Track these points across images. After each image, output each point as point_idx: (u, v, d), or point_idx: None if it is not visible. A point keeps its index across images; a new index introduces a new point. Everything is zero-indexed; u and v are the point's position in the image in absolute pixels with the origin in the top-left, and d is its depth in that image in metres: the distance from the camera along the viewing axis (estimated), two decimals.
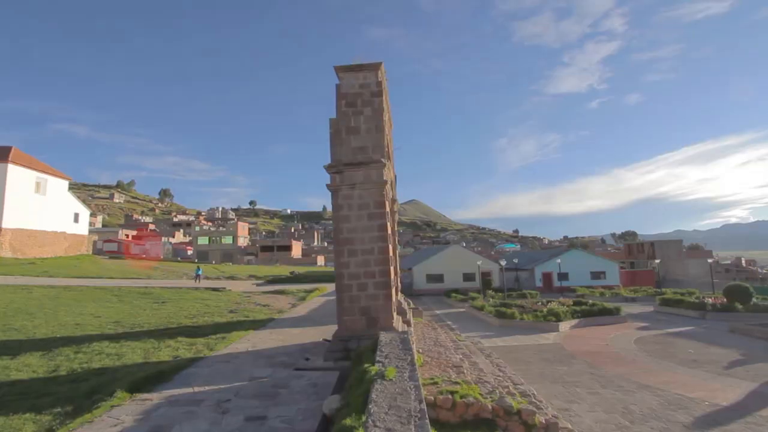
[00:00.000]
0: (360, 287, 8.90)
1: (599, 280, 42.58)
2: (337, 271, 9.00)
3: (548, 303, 24.22)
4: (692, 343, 17.12)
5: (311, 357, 8.86)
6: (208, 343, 10.50)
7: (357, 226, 9.12)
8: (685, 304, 25.30)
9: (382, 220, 9.11)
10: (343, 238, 9.13)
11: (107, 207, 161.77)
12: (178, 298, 21.73)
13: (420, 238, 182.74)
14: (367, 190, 9.24)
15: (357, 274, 8.94)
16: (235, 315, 16.10)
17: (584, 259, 43.38)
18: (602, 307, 22.69)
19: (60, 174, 44.72)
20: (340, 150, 9.64)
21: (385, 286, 8.91)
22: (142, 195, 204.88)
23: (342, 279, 8.95)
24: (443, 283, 42.39)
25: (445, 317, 25.45)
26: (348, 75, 10.44)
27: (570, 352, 15.42)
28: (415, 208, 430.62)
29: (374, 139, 9.66)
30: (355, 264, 8.98)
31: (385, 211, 9.17)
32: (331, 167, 9.31)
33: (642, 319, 24.06)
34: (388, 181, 9.28)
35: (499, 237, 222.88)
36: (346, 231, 9.15)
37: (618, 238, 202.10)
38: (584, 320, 21.52)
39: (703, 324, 21.78)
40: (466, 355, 11.56)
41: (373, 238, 9.06)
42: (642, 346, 16.53)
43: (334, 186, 9.29)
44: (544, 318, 20.79)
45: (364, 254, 9.01)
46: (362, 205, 9.19)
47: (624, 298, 33.48)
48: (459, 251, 45.61)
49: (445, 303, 34.27)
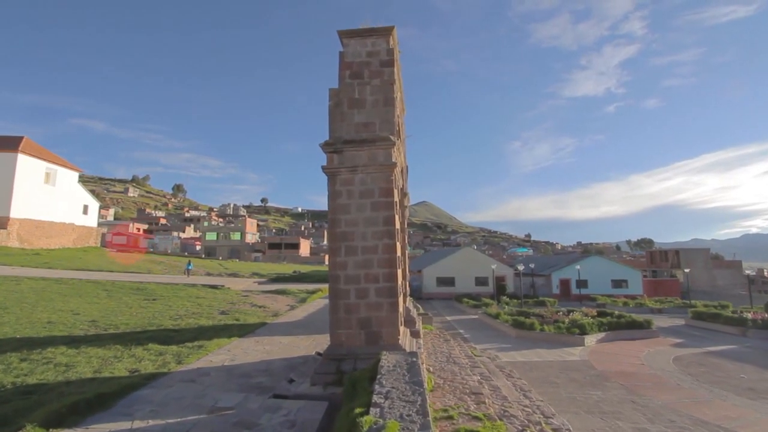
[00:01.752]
0: (359, 294, 7.20)
1: (620, 288, 40.12)
2: (331, 273, 7.31)
3: (570, 313, 22.17)
4: (741, 365, 14.99)
5: (297, 378, 7.19)
6: (180, 353, 8.91)
7: (358, 218, 7.42)
8: (722, 319, 22.99)
9: (388, 211, 7.40)
10: (340, 232, 7.44)
11: (121, 201, 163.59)
12: (171, 295, 20.33)
13: (430, 240, 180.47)
14: (372, 175, 7.54)
15: (356, 277, 7.24)
16: (225, 317, 14.55)
17: (605, 266, 40.95)
18: (631, 320, 20.58)
19: (70, 165, 44.09)
20: (341, 126, 7.95)
21: (391, 293, 7.19)
22: (156, 190, 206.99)
23: (337, 283, 7.26)
24: (454, 287, 40.43)
25: (457, 325, 23.59)
26: (354, 41, 8.75)
27: (601, 372, 13.47)
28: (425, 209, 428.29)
29: (382, 114, 7.95)
30: (354, 265, 7.28)
31: (393, 200, 7.45)
32: (328, 145, 7.63)
33: (674, 333, 21.86)
34: (396, 164, 7.56)
35: (510, 241, 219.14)
36: (345, 224, 7.46)
37: (634, 245, 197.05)
38: (611, 333, 19.45)
39: (745, 342, 19.53)
40: (484, 377, 9.76)
41: (377, 233, 7.35)
42: (684, 368, 14.47)
43: (331, 169, 7.61)
44: (567, 330, 18.80)
45: (366, 253, 7.30)
46: (365, 193, 7.49)
47: (650, 310, 31.13)
48: (471, 254, 43.58)
49: (456, 308, 32.36)
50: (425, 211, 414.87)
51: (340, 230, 7.44)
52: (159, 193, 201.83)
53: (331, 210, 7.49)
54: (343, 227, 7.46)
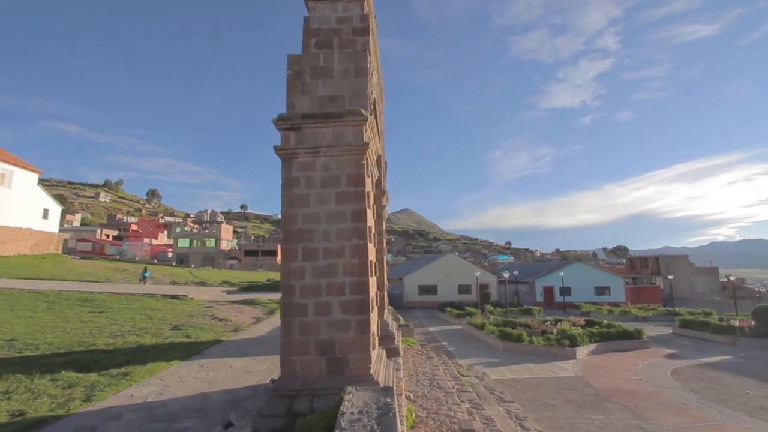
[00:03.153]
0: (319, 309, 5.59)
1: (603, 296, 39.58)
2: (284, 283, 5.69)
3: (558, 323, 21.02)
4: (742, 379, 14.00)
5: (237, 421, 5.51)
6: (96, 384, 7.07)
7: (319, 212, 5.85)
8: (711, 327, 22.28)
9: (358, 204, 5.86)
10: (296, 230, 5.84)
11: (91, 206, 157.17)
12: (123, 307, 18.14)
13: (412, 248, 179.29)
14: (338, 158, 5.99)
15: (315, 287, 5.64)
16: (175, 334, 12.62)
17: (588, 274, 40.38)
18: (622, 330, 19.54)
19: (29, 166, 40.93)
20: (301, 100, 6.40)
21: (360, 308, 5.61)
22: (129, 195, 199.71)
23: (291, 295, 5.64)
24: (437, 295, 39.03)
25: (440, 336, 22.11)
26: (321, 5, 7.25)
27: (599, 391, 12.18)
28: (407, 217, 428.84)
29: (353, 86, 6.45)
30: (314, 272, 5.68)
31: (364, 190, 5.91)
32: (283, 120, 6.04)
33: (665, 343, 20.97)
34: (369, 146, 6.03)
35: (491, 248, 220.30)
36: (302, 220, 5.86)
37: (610, 252, 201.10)
38: (603, 345, 18.34)
39: (737, 352, 18.74)
40: (474, 405, 8.25)
41: (343, 231, 5.79)
42: (684, 383, 13.36)
43: (286, 150, 6.02)
44: (557, 342, 17.58)
45: (329, 257, 5.72)
46: (328, 181, 5.93)
47: (635, 318, 30.45)
48: (454, 261, 42.36)
49: (438, 318, 30.90)
50: (407, 218, 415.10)
51: (296, 228, 5.85)
52: (132, 199, 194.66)
53: (285, 202, 5.90)
54: (300, 224, 5.87)
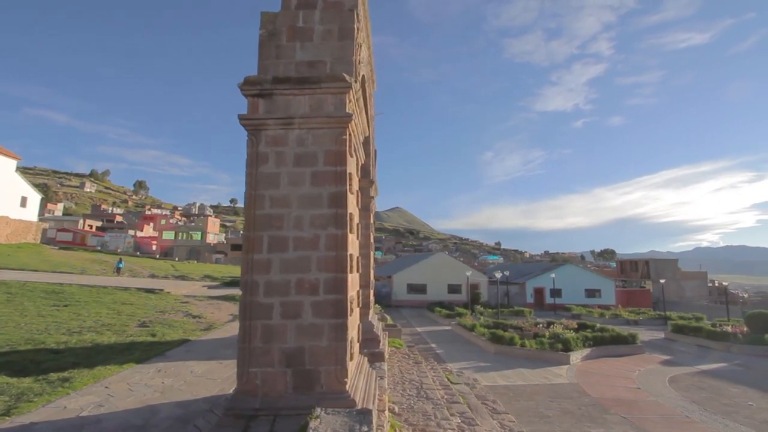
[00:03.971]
0: (287, 311, 4.64)
1: (594, 298, 39.25)
2: (245, 279, 4.72)
3: (550, 325, 20.35)
4: (743, 390, 13.40)
5: None
6: (27, 391, 6.04)
7: (290, 195, 4.88)
8: (704, 333, 21.81)
9: (338, 186, 4.91)
10: (261, 216, 4.87)
11: (76, 195, 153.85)
12: (92, 300, 16.94)
13: (402, 246, 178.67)
14: (315, 132, 5.03)
15: (283, 285, 4.68)
16: (140, 332, 11.54)
17: (579, 276, 39.99)
18: (616, 335, 18.94)
19: (6, 152, 39.18)
20: (275, 64, 5.41)
21: (337, 311, 4.67)
22: (116, 186, 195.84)
23: (253, 293, 4.68)
24: (426, 294, 38.29)
25: (429, 338, 21.28)
26: None
27: (596, 400, 11.44)
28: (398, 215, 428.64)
29: (336, 50, 5.48)
30: (282, 266, 4.72)
31: (346, 170, 4.96)
32: (251, 85, 5.05)
33: (659, 349, 20.44)
34: (352, 117, 5.08)
35: (481, 248, 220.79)
36: (270, 203, 4.89)
37: (597, 255, 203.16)
38: (597, 350, 17.70)
39: (733, 359, 18.24)
40: (466, 419, 7.39)
41: (319, 218, 4.84)
42: (684, 393, 12.70)
43: (253, 120, 5.04)
44: (550, 346, 16.87)
45: (301, 248, 4.77)
46: (303, 158, 4.96)
47: (626, 321, 30.01)
48: (444, 259, 41.63)
49: (427, 318, 30.11)
50: (398, 216, 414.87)
51: (263, 213, 4.89)
52: (119, 190, 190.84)
53: (250, 182, 4.92)
54: (268, 208, 4.91)
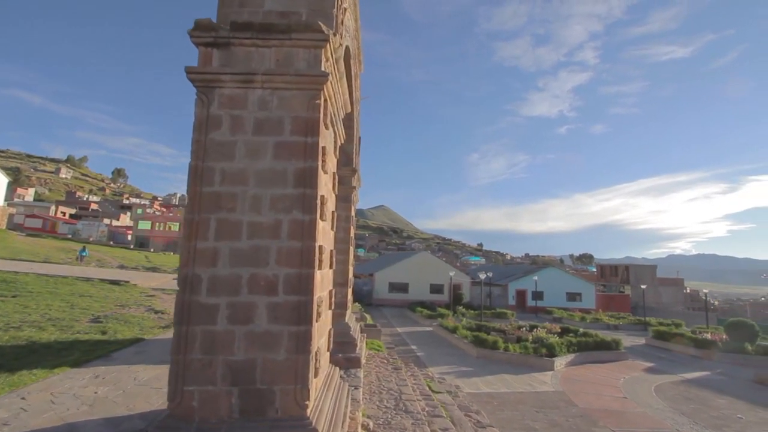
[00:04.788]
0: (236, 314, 3.70)
1: (575, 302, 39.26)
2: (184, 273, 3.76)
3: (533, 329, 19.87)
4: (730, 401, 13.06)
5: None
6: None
7: (248, 169, 3.94)
8: (686, 340, 21.71)
9: (307, 161, 3.99)
10: (210, 194, 3.92)
11: (50, 181, 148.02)
12: (45, 291, 15.53)
13: (385, 244, 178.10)
14: (282, 93, 4.09)
15: (233, 281, 3.74)
16: (89, 328, 10.36)
17: (561, 279, 39.95)
18: (600, 340, 18.55)
19: None
20: (239, 12, 4.44)
21: (299, 316, 3.75)
22: (93, 173, 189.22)
23: (193, 291, 3.73)
24: (408, 293, 37.59)
25: (409, 339, 20.50)
26: None
27: (583, 411, 10.84)
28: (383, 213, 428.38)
29: (315, 0, 4.54)
30: (232, 257, 3.78)
31: (318, 143, 4.04)
32: (203, 30, 4.08)
33: (641, 355, 20.17)
34: (328, 77, 4.16)
35: (463, 249, 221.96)
36: (221, 179, 3.94)
37: (576, 259, 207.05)
38: (581, 355, 17.25)
39: (714, 368, 18.07)
40: None
41: (282, 200, 3.91)
42: (672, 404, 12.25)
43: (205, 74, 4.07)
44: (534, 351, 16.32)
45: (257, 235, 3.84)
46: (266, 124, 4.03)
47: (606, 326, 29.93)
48: (427, 259, 41.00)
49: (408, 318, 29.38)
50: (382, 215, 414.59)
51: (211, 191, 3.94)
52: (97, 177, 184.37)
53: (197, 151, 3.96)
54: (218, 185, 3.96)
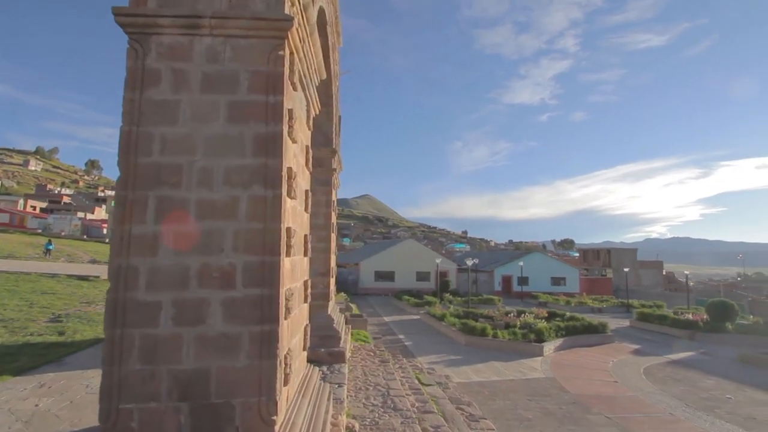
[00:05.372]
0: (183, 313, 3.02)
1: (559, 286, 39.65)
2: (116, 264, 3.05)
3: (521, 314, 19.69)
4: (717, 381, 13.06)
5: None
6: None
7: (195, 135, 3.21)
8: (669, 321, 21.95)
9: (271, 124, 3.28)
10: (147, 166, 3.19)
11: (19, 174, 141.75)
12: (3, 289, 14.42)
13: (371, 233, 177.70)
14: (236, 41, 3.36)
15: (178, 273, 3.05)
16: (46, 329, 9.47)
17: (545, 264, 40.22)
18: (588, 324, 18.50)
19: None
20: None
21: (264, 314, 3.09)
22: (65, 165, 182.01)
23: (128, 286, 3.02)
24: (394, 282, 37.25)
25: (396, 328, 20.08)
26: None
27: (576, 398, 10.58)
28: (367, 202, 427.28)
29: None
30: (178, 244, 3.09)
31: (283, 103, 3.33)
32: None
33: (626, 337, 20.26)
34: (293, 22, 3.43)
35: (448, 237, 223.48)
36: (161, 148, 3.20)
37: (558, 245, 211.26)
38: (569, 339, 17.14)
39: (698, 348, 18.25)
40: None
41: (239, 172, 3.20)
42: (662, 386, 12.14)
43: (138, 17, 3.31)
44: (523, 336, 16.09)
45: (208, 216, 3.14)
46: (217, 81, 3.30)
47: (591, 309, 30.19)
48: (413, 246, 40.66)
49: (395, 306, 29.01)
50: (367, 204, 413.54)
51: (149, 162, 3.21)
52: (69, 169, 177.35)
53: (130, 113, 3.19)
54: (157, 155, 3.22)
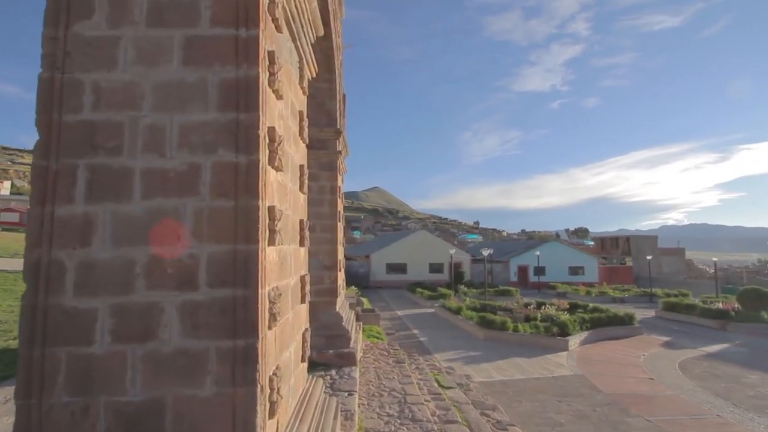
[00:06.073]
0: (124, 324, 2.23)
1: (577, 275, 38.38)
2: (33, 257, 2.23)
3: (541, 306, 18.74)
4: (761, 376, 11.98)
5: None
6: None
7: (141, 82, 2.40)
8: (698, 311, 20.75)
9: (243, 67, 2.45)
10: (76, 126, 2.36)
11: (29, 174, 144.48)
12: (0, 288, 14.01)
13: (381, 225, 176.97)
14: None
15: (119, 269, 2.25)
16: None
17: (563, 253, 38.94)
18: (613, 315, 17.48)
19: None
20: None
21: (237, 324, 2.27)
22: None
23: (51, 287, 2.22)
24: (406, 274, 36.45)
25: (410, 322, 19.31)
26: None
27: (610, 398, 9.66)
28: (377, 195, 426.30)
29: None
30: (119, 230, 2.28)
31: (258, 39, 2.49)
32: None
33: (654, 329, 19.15)
34: None
35: (460, 228, 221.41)
36: (93, 101, 2.36)
37: (571, 233, 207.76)
38: (594, 332, 16.15)
39: (733, 339, 17.10)
40: None
41: (199, 131, 2.37)
42: (701, 383, 11.13)
43: None
44: (545, 330, 15.17)
45: (157, 191, 2.33)
46: (167, 10, 2.43)
47: (612, 299, 29.03)
48: (425, 237, 39.74)
49: (408, 300, 28.25)
50: (377, 196, 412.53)
51: (77, 120, 2.43)
52: None
53: (51, 55, 2.42)
54: (88, 111, 2.45)
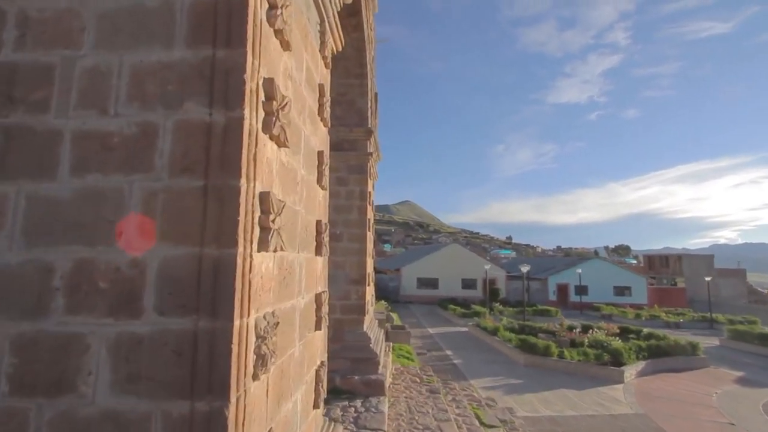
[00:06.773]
0: (31, 364, 1.43)
1: (623, 296, 35.56)
2: None
3: (587, 330, 17.03)
4: None
5: None
6: None
7: (77, 8, 1.67)
8: None
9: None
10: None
11: None
12: None
13: (411, 239, 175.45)
14: None
15: (29, 280, 1.49)
16: None
17: (607, 271, 36.30)
18: (674, 343, 15.51)
19: None
20: None
21: (198, 377, 1.43)
22: None
23: None
24: (437, 289, 35.07)
25: (443, 342, 18.06)
26: None
27: None
28: (408, 208, 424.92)
29: None
30: (36, 221, 1.53)
31: None
32: None
33: (721, 360, 16.87)
34: None
35: (492, 242, 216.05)
36: (17, 35, 1.65)
37: (611, 251, 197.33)
38: (652, 363, 14.30)
39: None
40: None
41: (158, 75, 1.50)
42: None
43: None
44: (595, 358, 13.55)
45: (93, 164, 1.53)
46: None
47: (665, 323, 26.39)
48: (458, 251, 38.28)
49: (439, 316, 26.92)
50: (408, 210, 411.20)
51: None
52: None
53: None
54: (10, 49, 1.75)
